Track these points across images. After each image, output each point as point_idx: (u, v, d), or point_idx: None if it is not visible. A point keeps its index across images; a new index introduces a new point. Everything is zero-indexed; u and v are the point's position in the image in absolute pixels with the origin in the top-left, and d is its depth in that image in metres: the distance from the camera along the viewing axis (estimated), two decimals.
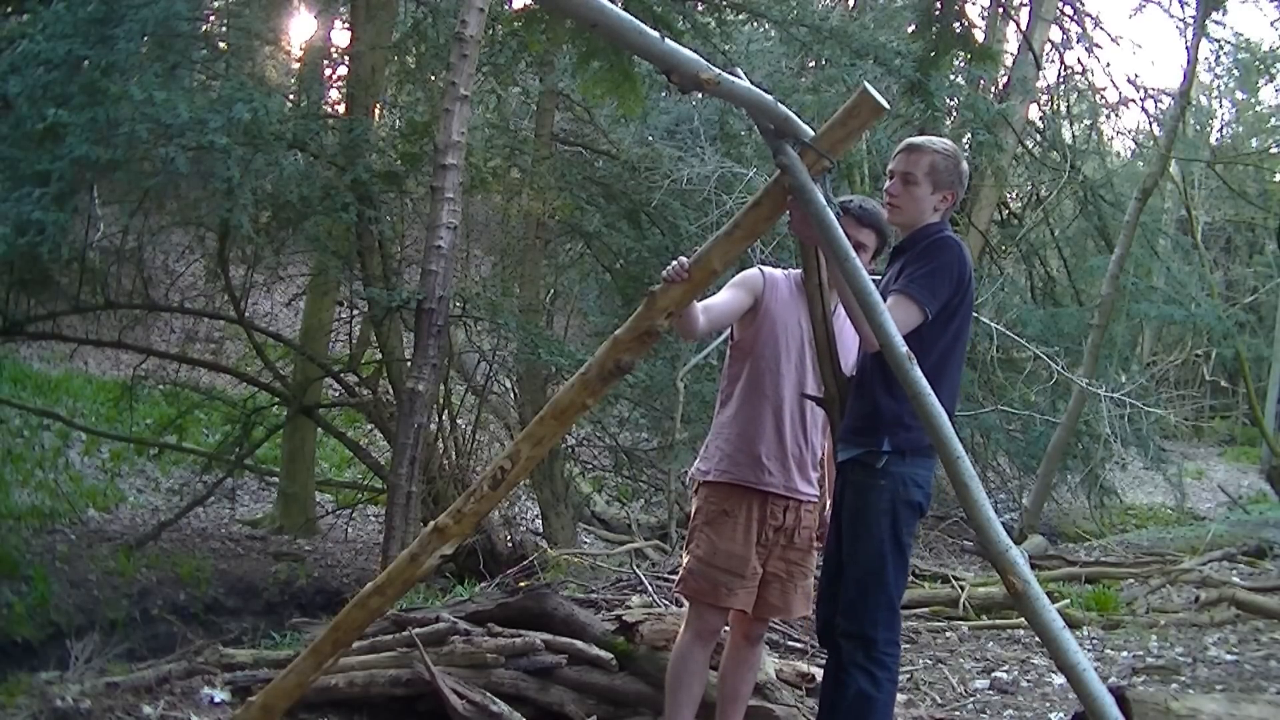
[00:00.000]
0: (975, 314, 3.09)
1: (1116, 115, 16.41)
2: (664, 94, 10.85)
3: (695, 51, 2.41)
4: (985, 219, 12.95)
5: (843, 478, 3.04)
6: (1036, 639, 4.64)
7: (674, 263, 2.83)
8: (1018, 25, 13.91)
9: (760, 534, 3.25)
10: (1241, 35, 21.52)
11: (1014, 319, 10.99)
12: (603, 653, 3.80)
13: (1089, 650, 5.48)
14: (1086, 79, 14.56)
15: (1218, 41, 14.96)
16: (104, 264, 8.65)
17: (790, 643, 4.82)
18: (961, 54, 10.39)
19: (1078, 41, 14.00)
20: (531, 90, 10.79)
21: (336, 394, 9.51)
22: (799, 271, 3.33)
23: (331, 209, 7.11)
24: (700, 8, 9.68)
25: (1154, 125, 14.76)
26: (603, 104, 9.55)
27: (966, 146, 11.70)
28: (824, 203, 2.58)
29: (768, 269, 3.38)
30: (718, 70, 2.43)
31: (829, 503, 3.26)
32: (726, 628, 3.43)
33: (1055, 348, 10.85)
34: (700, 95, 2.53)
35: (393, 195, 8.00)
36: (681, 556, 3.58)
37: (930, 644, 5.67)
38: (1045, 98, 14.50)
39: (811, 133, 2.69)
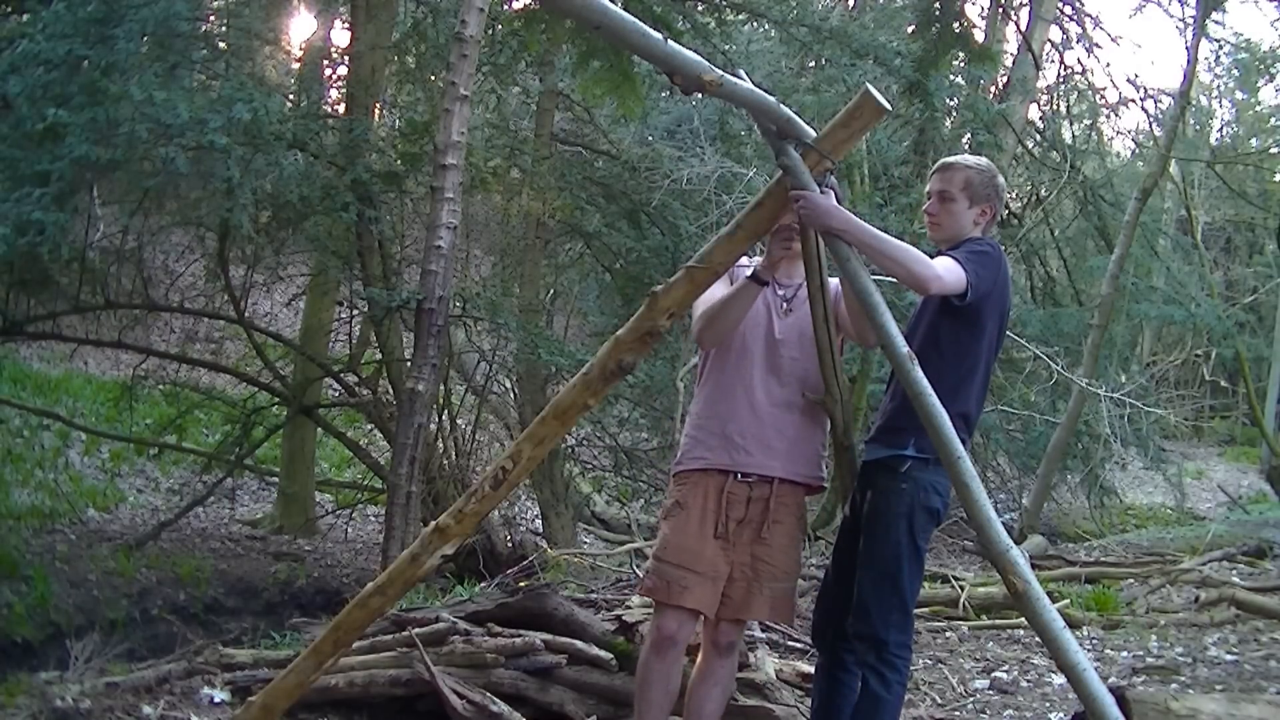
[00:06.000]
0: None
1: (1116, 115, 16.42)
2: (664, 94, 10.85)
3: (695, 52, 2.41)
4: None
5: (865, 478, 3.05)
6: (1036, 639, 4.65)
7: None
8: (1017, 25, 13.88)
9: (716, 524, 3.05)
10: (1241, 35, 21.58)
11: (1014, 319, 10.96)
12: (602, 653, 3.81)
13: (1089, 650, 5.48)
14: (1086, 79, 14.54)
15: (1218, 41, 14.97)
16: (104, 264, 8.62)
17: (790, 643, 4.82)
18: (961, 54, 10.38)
19: (1078, 41, 13.99)
20: (531, 90, 10.77)
21: (336, 394, 9.49)
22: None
23: (331, 209, 7.10)
24: (700, 8, 9.66)
25: (1154, 125, 14.73)
26: (603, 104, 9.54)
27: (966, 147, 11.68)
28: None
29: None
30: (720, 72, 2.44)
31: (845, 506, 3.19)
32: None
33: (1055, 348, 10.85)
34: (701, 95, 2.54)
35: (393, 195, 7.98)
36: None
37: (930, 644, 5.66)
38: (1045, 98, 14.48)
39: (814, 134, 2.70)
